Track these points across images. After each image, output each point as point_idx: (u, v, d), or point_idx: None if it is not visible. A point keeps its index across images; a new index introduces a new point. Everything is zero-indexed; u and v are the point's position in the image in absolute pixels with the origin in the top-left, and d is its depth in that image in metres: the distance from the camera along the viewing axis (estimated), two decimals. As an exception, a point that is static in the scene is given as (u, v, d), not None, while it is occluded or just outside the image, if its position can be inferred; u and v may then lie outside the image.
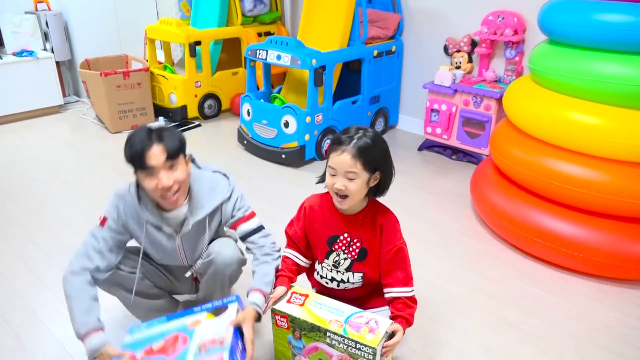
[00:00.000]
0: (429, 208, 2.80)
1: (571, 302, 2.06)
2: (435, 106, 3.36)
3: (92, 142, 3.78)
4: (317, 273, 1.65)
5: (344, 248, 1.56)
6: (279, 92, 3.59)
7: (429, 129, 3.45)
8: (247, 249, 1.68)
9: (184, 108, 4.02)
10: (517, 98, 2.43)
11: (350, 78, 3.66)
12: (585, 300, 2.07)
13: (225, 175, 1.68)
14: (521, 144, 2.37)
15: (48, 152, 3.56)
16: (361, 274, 1.58)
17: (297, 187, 3.04)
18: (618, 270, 2.11)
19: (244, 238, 1.67)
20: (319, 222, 1.58)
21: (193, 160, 1.63)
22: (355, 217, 1.54)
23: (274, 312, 1.50)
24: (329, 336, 1.42)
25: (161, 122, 1.54)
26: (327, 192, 1.56)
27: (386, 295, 1.55)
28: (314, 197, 1.63)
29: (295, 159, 3.25)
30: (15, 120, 4.12)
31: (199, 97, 4.06)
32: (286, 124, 3.21)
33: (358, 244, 1.55)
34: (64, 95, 4.52)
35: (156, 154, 1.43)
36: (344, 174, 1.41)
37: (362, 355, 1.38)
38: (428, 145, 3.59)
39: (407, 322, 1.49)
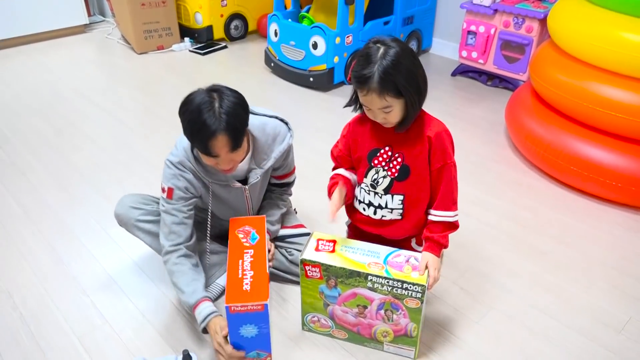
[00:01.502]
0: (460, 135, 2.70)
1: (604, 232, 2.01)
2: (473, 28, 3.17)
3: (118, 62, 3.73)
4: (356, 198, 1.51)
5: (383, 164, 1.41)
6: (307, 11, 3.43)
7: (464, 53, 3.28)
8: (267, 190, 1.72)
9: (209, 28, 3.90)
10: (564, 16, 2.26)
11: (383, -3, 3.46)
12: (618, 231, 2.02)
13: (283, 120, 1.60)
14: (565, 67, 2.22)
15: (74, 72, 3.53)
16: (401, 198, 1.41)
17: (325, 111, 2.97)
18: (657, 202, 2.04)
19: (275, 184, 1.69)
20: (361, 135, 1.44)
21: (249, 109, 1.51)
22: (405, 134, 1.37)
23: (304, 262, 1.38)
24: (371, 280, 1.33)
25: (221, 87, 1.36)
26: (360, 114, 1.44)
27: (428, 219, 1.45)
28: (353, 119, 1.48)
29: (323, 82, 3.15)
30: (41, 40, 4.07)
31: (225, 16, 3.93)
32: (314, 45, 3.09)
33: (399, 160, 1.39)
34: (89, 15, 4.42)
35: (221, 146, 1.32)
36: (379, 110, 1.29)
37: (410, 294, 1.32)
38: (462, 71, 3.43)
39: (438, 245, 1.38)
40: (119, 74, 3.53)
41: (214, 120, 1.29)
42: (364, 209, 1.48)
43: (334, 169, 1.54)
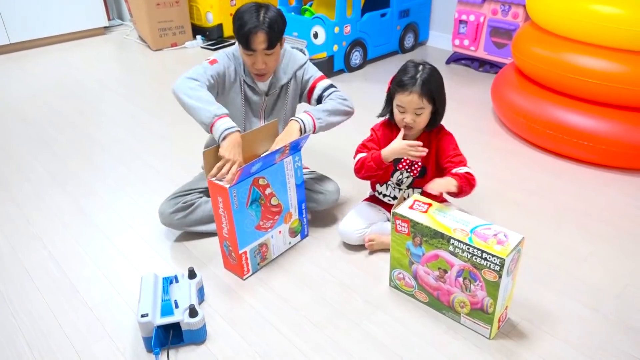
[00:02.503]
0: (451, 112, 2.81)
1: (576, 186, 2.18)
2: (464, 17, 3.38)
3: (136, 58, 4.02)
4: (379, 193, 1.83)
5: (407, 167, 1.74)
6: (310, 6, 3.68)
7: (456, 41, 3.49)
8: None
9: (219, 27, 4.18)
10: (539, -5, 2.47)
11: (380, -9, 3.70)
12: (590, 185, 2.19)
13: (302, 50, 1.90)
14: (541, 41, 2.42)
15: (96, 66, 3.83)
16: (420, 190, 1.75)
17: (325, 94, 3.20)
18: (626, 159, 2.21)
19: (320, 98, 1.86)
20: (390, 140, 1.70)
21: None
22: (417, 139, 1.69)
23: (395, 216, 1.46)
24: (453, 244, 1.35)
25: (269, 4, 1.64)
26: (385, 120, 1.76)
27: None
28: (377, 124, 1.79)
29: (324, 69, 3.38)
30: (66, 40, 4.40)
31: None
32: (315, 35, 3.33)
33: (419, 162, 1.72)
34: (109, 19, 4.75)
35: (259, 41, 1.63)
36: (413, 111, 1.60)
37: (488, 266, 1.30)
38: (456, 59, 3.64)
39: (460, 183, 1.54)
40: (136, 67, 3.82)
41: (257, 20, 1.61)
42: (389, 201, 1.82)
43: (356, 155, 1.74)
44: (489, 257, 1.29)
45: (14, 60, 3.98)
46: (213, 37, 4.22)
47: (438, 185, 1.52)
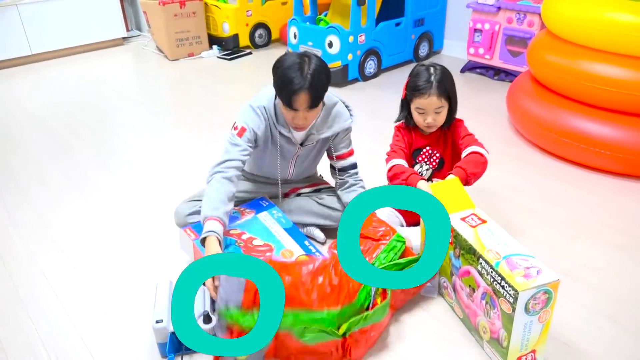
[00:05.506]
0: (466, 121, 2.86)
1: (593, 195, 2.15)
2: (479, 26, 3.38)
3: (153, 67, 4.09)
4: None
5: (426, 160, 1.84)
6: (325, 16, 3.71)
7: (471, 50, 3.48)
8: (340, 179, 1.85)
9: (235, 37, 4.23)
10: (554, 3, 2.46)
11: (394, 0, 3.72)
12: (607, 194, 2.16)
13: (347, 106, 1.81)
14: (556, 49, 2.41)
15: (115, 76, 3.91)
16: (438, 180, 1.80)
17: (340, 103, 3.21)
18: (644, 167, 2.18)
19: (344, 170, 1.84)
20: (409, 138, 1.84)
21: None
22: (434, 133, 1.81)
23: None
24: (481, 263, 1.32)
25: (312, 52, 1.60)
26: (401, 123, 1.83)
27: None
28: (399, 126, 1.85)
29: (338, 78, 3.40)
30: (84, 51, 4.49)
31: (249, 26, 4.26)
32: (330, 44, 3.35)
33: (437, 155, 1.83)
34: (127, 30, 4.84)
35: (302, 102, 1.54)
36: (433, 111, 1.70)
37: (504, 295, 1.24)
38: (470, 67, 3.63)
39: (465, 173, 1.65)
40: (153, 76, 3.88)
41: (301, 79, 1.52)
42: None
43: (390, 158, 1.79)
44: (506, 287, 1.23)
45: (35, 71, 4.07)
46: (229, 47, 4.27)
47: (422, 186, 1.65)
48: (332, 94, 1.75)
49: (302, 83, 1.52)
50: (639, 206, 2.06)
